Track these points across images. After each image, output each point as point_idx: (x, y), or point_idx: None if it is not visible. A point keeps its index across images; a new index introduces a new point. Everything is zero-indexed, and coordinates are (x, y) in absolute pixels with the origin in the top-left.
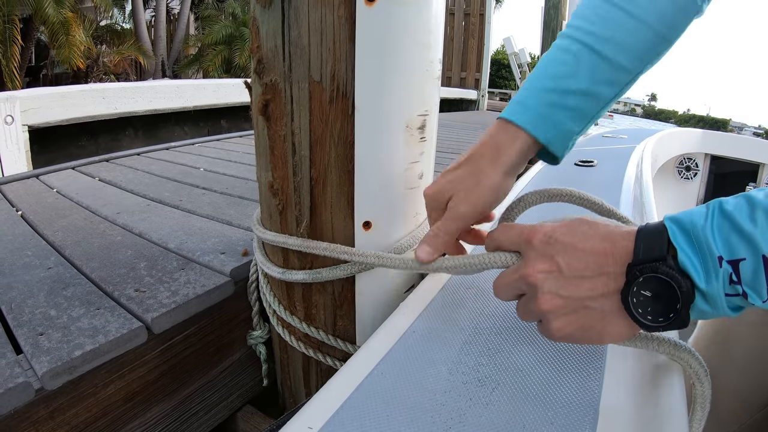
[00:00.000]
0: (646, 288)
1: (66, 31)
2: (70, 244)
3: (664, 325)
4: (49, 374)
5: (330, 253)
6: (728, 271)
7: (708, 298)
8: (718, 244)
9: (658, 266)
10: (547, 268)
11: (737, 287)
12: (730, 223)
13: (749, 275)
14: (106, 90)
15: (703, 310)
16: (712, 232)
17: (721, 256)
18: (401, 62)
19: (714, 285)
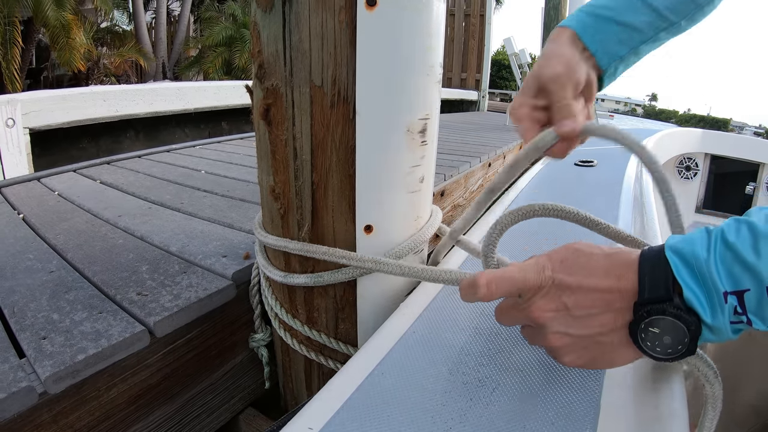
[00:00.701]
0: (655, 326)
1: (66, 34)
2: (72, 248)
3: (673, 357)
4: (52, 378)
5: (329, 258)
6: (733, 305)
7: (714, 331)
8: (723, 278)
9: (665, 308)
10: (554, 307)
11: (742, 317)
12: (733, 254)
13: (754, 304)
14: (107, 92)
15: (708, 339)
16: (716, 266)
17: (726, 291)
18: (402, 66)
19: (720, 319)
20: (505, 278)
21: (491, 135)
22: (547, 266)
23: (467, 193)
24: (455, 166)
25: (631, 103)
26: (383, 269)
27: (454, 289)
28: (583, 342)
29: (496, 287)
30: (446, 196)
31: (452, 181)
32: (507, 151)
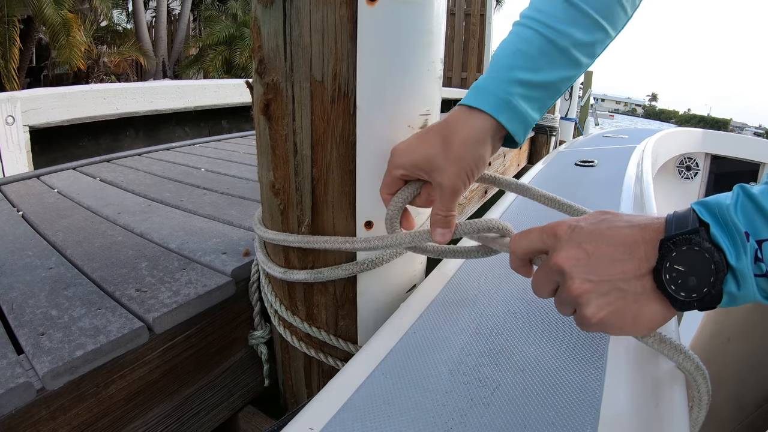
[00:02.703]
0: (680, 262)
1: (67, 32)
2: (71, 245)
3: (698, 299)
4: (51, 374)
5: (332, 246)
6: (754, 247)
7: (738, 276)
8: (743, 222)
9: (692, 238)
10: (575, 254)
11: (762, 266)
12: (754, 204)
13: None
14: (107, 90)
15: (732, 293)
16: (736, 212)
17: (747, 231)
18: (403, 62)
19: (743, 261)
20: (530, 231)
21: None
22: (569, 221)
23: (467, 192)
24: None
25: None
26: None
27: (455, 289)
28: (605, 288)
29: (519, 238)
30: None
31: None
32: (507, 151)
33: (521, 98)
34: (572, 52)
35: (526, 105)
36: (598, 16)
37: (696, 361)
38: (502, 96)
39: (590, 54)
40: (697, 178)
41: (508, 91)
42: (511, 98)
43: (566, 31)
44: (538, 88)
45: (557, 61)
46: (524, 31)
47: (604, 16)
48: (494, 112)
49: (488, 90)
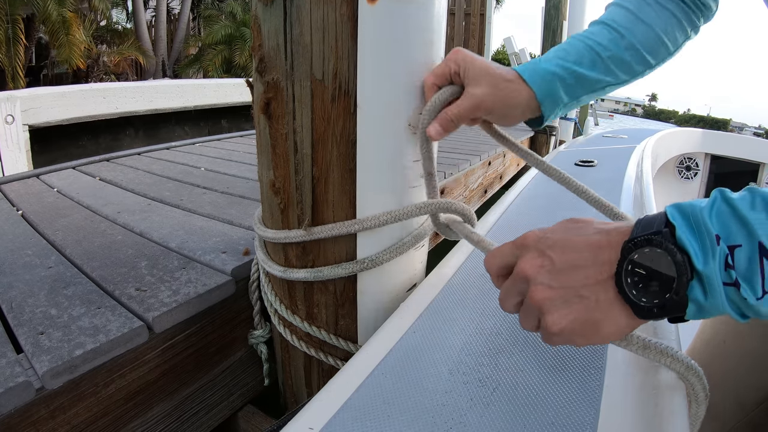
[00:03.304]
0: (641, 264)
1: (66, 31)
2: (71, 244)
3: (660, 306)
4: (50, 373)
5: (335, 232)
6: (725, 252)
7: (705, 283)
8: (716, 226)
9: (655, 238)
10: (539, 261)
11: (732, 273)
12: (730, 208)
13: (744, 264)
14: (107, 90)
15: (698, 301)
16: (710, 215)
17: (718, 234)
18: (403, 60)
19: (711, 266)
20: (502, 246)
21: None
22: (537, 231)
23: (467, 192)
24: (455, 164)
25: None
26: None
27: (455, 289)
28: (567, 294)
29: (492, 256)
30: (446, 194)
31: (452, 179)
32: (506, 151)
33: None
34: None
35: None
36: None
37: (686, 362)
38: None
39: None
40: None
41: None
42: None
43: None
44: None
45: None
46: (570, 40)
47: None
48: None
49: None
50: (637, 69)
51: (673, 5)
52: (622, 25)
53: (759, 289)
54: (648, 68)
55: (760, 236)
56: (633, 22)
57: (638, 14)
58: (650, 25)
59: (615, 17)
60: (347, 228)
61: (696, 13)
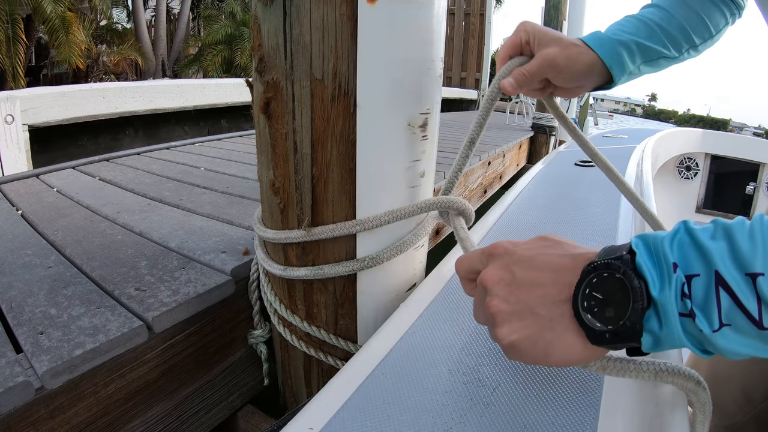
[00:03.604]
0: (598, 289)
1: (66, 30)
2: (71, 243)
3: (613, 332)
4: (50, 373)
5: (336, 233)
6: (681, 281)
7: (660, 311)
8: (675, 254)
9: (613, 263)
10: (500, 274)
11: (687, 302)
12: (691, 238)
13: (700, 294)
14: (107, 89)
15: (654, 331)
16: (671, 245)
17: (675, 263)
18: (403, 60)
19: (666, 293)
20: (473, 252)
21: (491, 134)
22: (506, 242)
23: (467, 192)
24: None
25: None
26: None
27: (454, 289)
28: (521, 311)
29: (461, 260)
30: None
31: None
32: (506, 150)
33: (624, 48)
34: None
35: (626, 55)
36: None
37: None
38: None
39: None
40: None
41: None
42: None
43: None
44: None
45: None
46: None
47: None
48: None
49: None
50: (684, 45)
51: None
52: (670, 7)
53: (715, 321)
54: (692, 47)
55: (717, 265)
56: (679, 4)
57: None
58: (695, 9)
59: (663, 1)
60: (348, 229)
61: (731, 7)
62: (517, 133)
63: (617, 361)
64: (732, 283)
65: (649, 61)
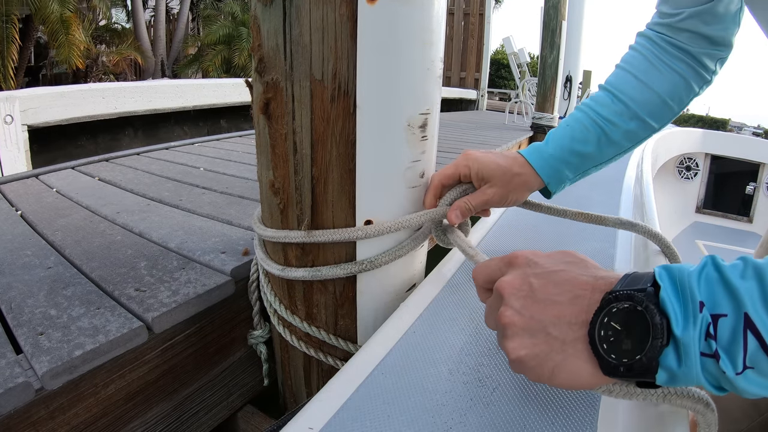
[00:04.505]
0: (617, 319)
1: (66, 31)
2: (70, 244)
3: (627, 366)
4: (50, 374)
5: (335, 238)
6: (707, 321)
7: (681, 350)
8: (702, 292)
9: (637, 295)
10: (518, 284)
11: (712, 343)
12: (720, 275)
13: (727, 335)
14: (106, 90)
15: (671, 369)
16: (698, 281)
17: (702, 302)
18: (403, 60)
19: (690, 333)
20: (491, 260)
21: (490, 134)
22: (528, 252)
23: None
24: None
25: None
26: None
27: (454, 289)
28: (533, 328)
29: (480, 268)
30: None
31: None
32: (506, 150)
33: (566, 165)
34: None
35: (567, 169)
36: (643, 113)
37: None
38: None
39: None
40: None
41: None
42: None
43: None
44: (577, 155)
45: (602, 141)
46: (577, 113)
47: (649, 113)
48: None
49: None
50: (641, 135)
51: (682, 66)
52: (628, 95)
53: (740, 364)
54: (651, 131)
55: (747, 307)
56: (638, 90)
57: (644, 80)
58: (656, 91)
59: (621, 86)
60: (349, 235)
61: (707, 67)
62: (516, 133)
63: (624, 384)
64: (761, 326)
65: (597, 165)
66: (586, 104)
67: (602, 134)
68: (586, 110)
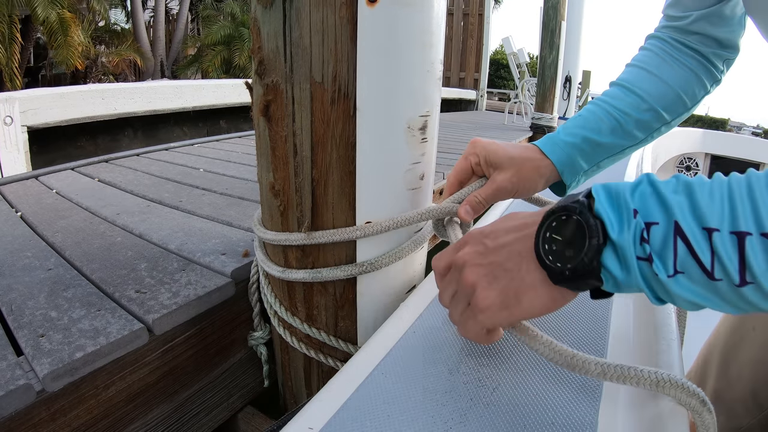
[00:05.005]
0: (557, 231)
1: (64, 32)
2: (70, 245)
3: (572, 269)
4: (51, 376)
5: (336, 238)
6: (641, 226)
7: (618, 252)
8: (636, 202)
9: (570, 205)
10: (474, 249)
11: (646, 247)
12: (653, 189)
13: (659, 241)
14: (105, 90)
15: (614, 274)
16: (632, 193)
17: (636, 209)
18: (403, 63)
19: (625, 236)
20: (446, 249)
21: (490, 134)
22: (476, 229)
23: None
24: (454, 164)
25: None
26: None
27: None
28: (495, 270)
29: (437, 257)
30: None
31: None
32: None
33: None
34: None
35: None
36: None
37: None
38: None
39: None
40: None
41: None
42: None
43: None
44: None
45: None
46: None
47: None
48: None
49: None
50: (655, 126)
51: (693, 62)
52: (641, 88)
53: (671, 267)
54: (665, 124)
55: (677, 216)
56: (652, 83)
57: (658, 74)
58: (670, 84)
59: (634, 79)
60: (348, 234)
61: (717, 66)
62: (515, 133)
63: (617, 367)
64: (689, 234)
65: (611, 155)
66: (599, 98)
67: (615, 123)
68: (599, 103)
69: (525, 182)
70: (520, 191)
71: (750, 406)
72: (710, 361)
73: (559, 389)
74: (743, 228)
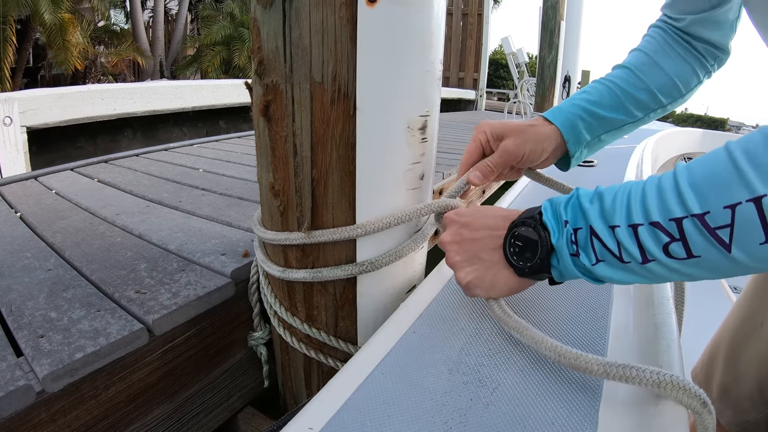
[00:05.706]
0: (519, 239)
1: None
2: (70, 246)
3: (530, 267)
4: (51, 377)
5: (336, 237)
6: (570, 232)
7: (558, 253)
8: (568, 214)
9: (527, 220)
10: (451, 237)
11: (573, 246)
12: (578, 201)
13: (582, 241)
14: (105, 91)
15: (556, 267)
16: (566, 207)
17: (567, 220)
18: (402, 63)
19: (561, 241)
20: None
21: None
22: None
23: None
24: (453, 164)
25: None
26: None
27: (454, 289)
28: (471, 258)
29: None
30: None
31: (451, 180)
32: None
33: (580, 120)
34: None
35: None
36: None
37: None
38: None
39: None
40: None
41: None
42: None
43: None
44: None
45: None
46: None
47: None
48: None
49: (559, 108)
50: (652, 107)
51: (688, 54)
52: (640, 70)
53: (593, 257)
54: (661, 107)
55: (592, 221)
56: (650, 66)
57: (655, 59)
58: (665, 70)
59: (635, 62)
60: (347, 233)
61: (709, 61)
62: None
63: (619, 366)
64: (600, 232)
65: (610, 130)
66: (602, 77)
67: (616, 99)
68: (602, 80)
69: (531, 144)
70: (527, 155)
71: (757, 402)
72: (717, 357)
73: (559, 389)
74: (636, 221)
